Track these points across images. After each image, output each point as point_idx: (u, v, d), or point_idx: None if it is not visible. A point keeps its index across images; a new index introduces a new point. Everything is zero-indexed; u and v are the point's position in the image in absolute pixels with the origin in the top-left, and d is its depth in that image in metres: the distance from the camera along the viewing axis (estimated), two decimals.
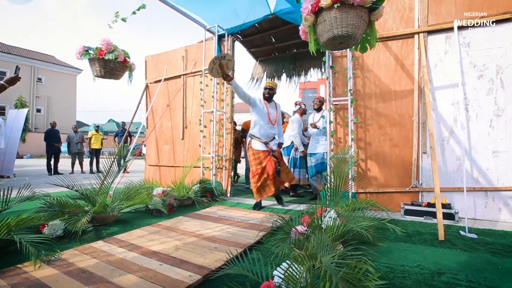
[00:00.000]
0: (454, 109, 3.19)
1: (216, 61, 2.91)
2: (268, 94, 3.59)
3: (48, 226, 2.30)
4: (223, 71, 3.01)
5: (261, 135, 3.52)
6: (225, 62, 2.96)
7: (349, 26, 1.72)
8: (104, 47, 3.20)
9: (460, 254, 2.02)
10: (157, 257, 1.81)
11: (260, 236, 2.27)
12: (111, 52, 3.20)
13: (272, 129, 3.56)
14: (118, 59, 3.24)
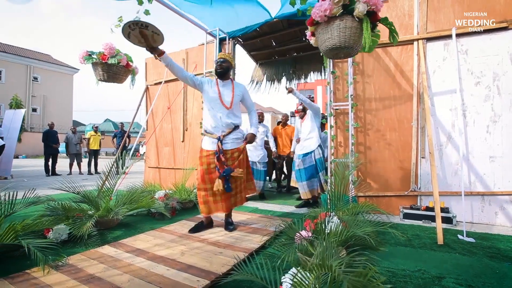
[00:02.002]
0: (452, 115, 3.26)
1: (135, 27, 2.24)
2: (220, 68, 2.68)
3: (53, 230, 2.32)
4: (148, 42, 2.36)
5: (213, 128, 2.65)
6: (149, 33, 2.32)
7: (350, 38, 1.77)
8: (106, 51, 3.22)
9: (459, 258, 2.08)
10: (164, 262, 1.84)
11: (264, 241, 2.31)
12: (114, 57, 3.22)
13: (228, 116, 2.64)
14: (120, 63, 3.26)
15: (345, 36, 1.77)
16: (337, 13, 1.75)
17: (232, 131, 2.68)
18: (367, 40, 1.74)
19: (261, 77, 6.01)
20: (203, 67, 4.85)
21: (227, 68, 2.72)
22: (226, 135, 2.64)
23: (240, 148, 2.71)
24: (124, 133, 9.35)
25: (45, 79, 26.73)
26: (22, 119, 7.70)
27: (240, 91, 2.77)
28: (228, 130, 2.66)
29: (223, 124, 2.64)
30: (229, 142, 2.65)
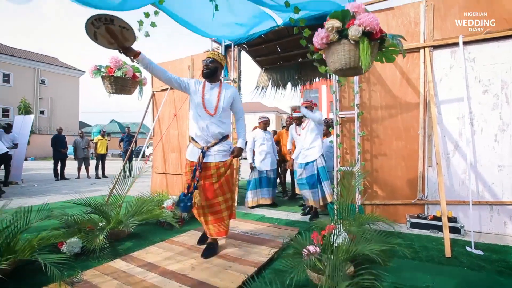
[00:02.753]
0: (460, 123, 3.24)
1: (99, 24, 1.87)
2: (206, 69, 2.37)
3: (66, 243, 2.38)
4: (118, 42, 2.01)
5: (198, 137, 2.39)
6: (117, 29, 1.94)
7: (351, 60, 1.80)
8: (112, 64, 3.29)
9: (467, 273, 2.08)
10: (176, 278, 1.88)
11: (272, 254, 2.34)
12: (120, 69, 3.28)
13: (214, 125, 2.33)
14: (127, 75, 3.32)
15: (346, 59, 1.82)
16: (333, 39, 1.81)
17: (219, 142, 2.37)
18: (363, 61, 1.79)
19: (267, 83, 6.03)
20: None
21: (215, 68, 2.39)
22: (211, 146, 2.35)
23: (226, 162, 2.39)
24: (131, 137, 9.49)
25: (52, 82, 27.11)
26: (31, 124, 7.84)
27: (229, 95, 2.42)
28: (214, 140, 2.36)
29: (209, 134, 2.34)
30: (212, 154, 2.34)
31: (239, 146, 2.46)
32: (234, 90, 2.51)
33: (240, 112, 2.54)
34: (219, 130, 2.37)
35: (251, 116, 33.38)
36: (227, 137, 2.47)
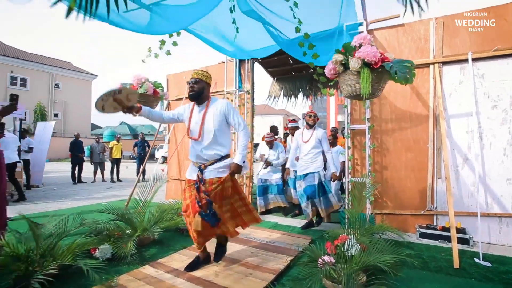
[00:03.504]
0: (469, 137, 3.35)
1: (107, 97, 2.11)
2: (192, 91, 2.29)
3: (99, 250, 2.59)
4: (124, 105, 2.19)
5: (195, 156, 2.35)
6: (123, 97, 2.18)
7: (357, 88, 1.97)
8: (135, 82, 3.54)
9: (475, 284, 2.20)
10: (202, 284, 2.07)
11: (288, 261, 2.50)
12: (142, 86, 3.52)
13: (209, 149, 2.28)
14: (148, 92, 3.56)
15: (353, 87, 2.03)
16: (340, 70, 2.02)
17: (216, 162, 2.29)
18: (363, 89, 2.00)
19: (278, 92, 6.21)
20: (223, 85, 5.09)
21: (201, 89, 2.29)
22: (209, 165, 2.29)
23: (220, 179, 2.27)
24: (144, 142, 9.80)
25: (66, 86, 27.91)
26: (52, 130, 8.21)
27: (219, 112, 2.28)
28: (211, 161, 2.30)
29: (204, 156, 2.29)
30: (207, 172, 2.28)
31: (235, 162, 2.29)
32: (223, 105, 2.32)
33: (237, 125, 2.32)
34: (215, 152, 2.28)
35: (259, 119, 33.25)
36: (227, 157, 2.36)
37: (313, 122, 3.75)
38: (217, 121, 2.27)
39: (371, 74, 2.24)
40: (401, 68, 2.19)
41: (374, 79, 2.30)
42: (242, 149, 2.34)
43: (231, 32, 3.62)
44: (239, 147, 2.35)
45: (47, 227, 2.34)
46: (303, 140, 3.78)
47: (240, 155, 2.32)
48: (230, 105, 2.35)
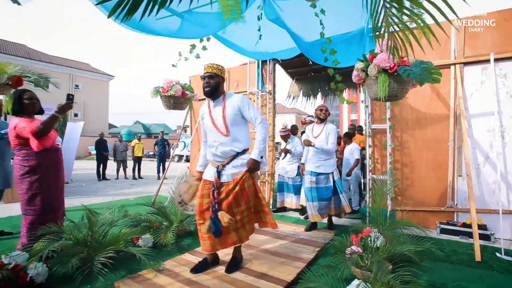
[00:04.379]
0: (490, 136, 3.42)
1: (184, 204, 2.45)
2: (207, 86, 2.20)
3: (141, 239, 2.86)
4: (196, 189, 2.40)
5: (212, 156, 2.30)
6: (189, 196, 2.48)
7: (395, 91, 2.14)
8: (165, 85, 3.82)
9: (496, 276, 2.32)
10: (240, 270, 2.28)
11: (316, 252, 2.69)
12: (171, 89, 3.79)
13: (226, 144, 2.21)
14: (176, 94, 3.82)
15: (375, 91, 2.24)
16: (363, 77, 2.23)
17: (233, 159, 2.23)
18: (381, 92, 2.21)
19: (298, 93, 6.37)
20: (245, 86, 5.29)
21: (217, 84, 2.20)
22: (226, 164, 2.22)
23: (236, 179, 2.20)
24: (164, 141, 10.16)
25: (85, 86, 28.92)
26: (81, 130, 8.69)
27: (234, 107, 2.20)
28: (228, 159, 2.23)
29: (220, 153, 2.22)
30: (225, 174, 2.22)
31: (252, 157, 2.21)
32: (239, 99, 2.23)
33: (253, 118, 2.24)
34: (231, 148, 2.21)
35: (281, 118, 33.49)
36: (245, 151, 2.29)
37: (324, 116, 3.56)
38: (232, 116, 2.19)
39: (388, 78, 2.44)
40: (417, 71, 2.34)
41: (392, 82, 2.50)
42: (259, 143, 2.23)
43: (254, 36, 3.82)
44: (256, 142, 2.23)
45: (101, 217, 2.61)
46: (313, 135, 3.59)
47: (257, 150, 2.20)
48: (245, 99, 2.25)
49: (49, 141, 2.44)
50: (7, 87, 2.39)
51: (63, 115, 2.46)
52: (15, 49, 25.03)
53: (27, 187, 2.44)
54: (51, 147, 2.49)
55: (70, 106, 2.38)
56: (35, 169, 2.43)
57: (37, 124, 2.31)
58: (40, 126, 2.30)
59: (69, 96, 2.39)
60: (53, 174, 2.56)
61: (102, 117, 29.91)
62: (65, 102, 2.38)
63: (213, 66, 2.22)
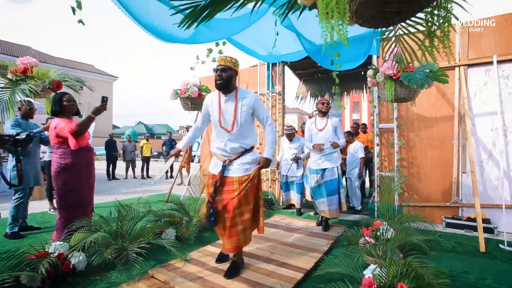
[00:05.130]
0: (493, 134, 3.58)
1: None
2: (220, 79, 2.14)
3: (165, 232, 3.05)
4: None
5: (219, 150, 2.28)
6: None
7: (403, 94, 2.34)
8: (182, 88, 4.01)
9: (500, 264, 2.49)
10: (262, 259, 2.46)
11: (330, 243, 2.87)
12: (188, 91, 3.98)
13: (233, 141, 2.21)
14: (192, 95, 4.01)
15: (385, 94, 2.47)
16: (374, 82, 2.48)
17: (241, 156, 2.23)
18: (388, 96, 2.48)
19: (305, 93, 6.55)
20: (255, 87, 5.47)
21: (229, 77, 2.15)
22: (234, 160, 2.22)
23: (249, 175, 2.19)
24: (172, 141, 10.35)
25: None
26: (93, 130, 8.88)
27: (248, 105, 2.18)
28: (235, 155, 2.23)
29: (229, 149, 2.21)
30: (233, 169, 2.20)
31: (265, 156, 2.24)
32: (252, 97, 2.23)
33: (265, 119, 2.29)
34: (240, 144, 2.22)
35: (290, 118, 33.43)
36: (252, 149, 2.31)
37: (326, 109, 3.50)
38: (245, 114, 2.18)
39: (394, 84, 2.73)
40: (417, 77, 2.54)
41: (398, 87, 2.75)
42: (272, 143, 2.30)
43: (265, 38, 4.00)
44: (269, 143, 2.29)
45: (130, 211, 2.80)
46: (317, 128, 3.52)
47: (270, 149, 2.27)
48: (259, 98, 2.28)
49: (84, 141, 2.64)
50: (48, 90, 2.59)
51: (98, 115, 2.64)
52: (21, 51, 25.31)
53: (62, 184, 2.64)
54: (85, 147, 2.68)
55: (104, 107, 2.57)
56: (70, 167, 2.63)
57: (75, 124, 2.51)
58: (78, 126, 2.50)
59: (103, 99, 2.59)
60: (84, 173, 2.76)
61: (106, 118, 30.17)
62: (100, 104, 2.57)
63: (226, 59, 2.16)
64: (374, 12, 0.88)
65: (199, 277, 2.13)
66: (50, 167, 4.35)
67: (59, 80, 2.67)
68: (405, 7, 0.87)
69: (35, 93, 2.43)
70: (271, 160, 2.30)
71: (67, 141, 2.52)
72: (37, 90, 2.43)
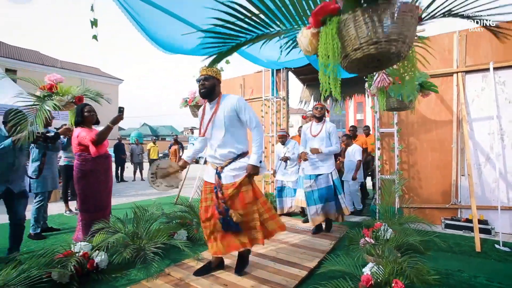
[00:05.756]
0: (491, 138, 3.72)
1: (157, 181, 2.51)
2: (203, 88, 2.23)
3: (177, 233, 3.25)
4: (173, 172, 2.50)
5: (210, 157, 2.32)
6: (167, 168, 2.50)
7: (395, 105, 2.51)
8: (190, 96, 4.22)
9: (494, 263, 2.64)
10: (269, 258, 2.65)
11: (333, 244, 3.04)
12: (195, 99, 4.19)
13: (222, 147, 2.22)
14: (199, 103, 4.22)
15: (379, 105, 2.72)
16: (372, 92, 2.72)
17: (232, 162, 2.23)
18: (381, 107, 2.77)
19: (309, 98, 6.72)
20: (260, 92, 5.66)
21: (212, 86, 2.23)
22: (225, 166, 2.23)
23: (235, 183, 2.18)
24: (179, 144, 10.59)
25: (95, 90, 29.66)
26: None
27: (230, 108, 2.19)
28: (226, 161, 2.23)
29: (218, 155, 2.23)
30: (223, 176, 2.22)
31: (250, 163, 2.19)
32: (235, 100, 2.22)
33: (250, 121, 2.22)
34: (229, 149, 2.21)
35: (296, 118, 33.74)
36: (244, 154, 2.27)
37: (320, 114, 3.47)
38: (228, 118, 2.18)
39: (386, 95, 2.92)
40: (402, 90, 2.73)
41: (389, 98, 2.94)
42: (257, 148, 2.21)
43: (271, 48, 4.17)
44: (254, 147, 2.21)
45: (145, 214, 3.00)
46: (312, 133, 3.46)
47: (255, 155, 2.19)
48: (242, 101, 2.24)
49: (103, 148, 2.86)
50: (71, 104, 2.81)
51: (115, 124, 2.86)
52: (30, 56, 25.88)
53: (82, 188, 2.87)
54: (103, 154, 2.90)
55: (121, 117, 2.79)
56: (90, 173, 2.85)
57: (95, 134, 2.73)
58: (97, 136, 2.72)
59: (120, 109, 2.80)
60: (102, 179, 2.97)
61: None
62: (117, 114, 2.78)
63: (208, 69, 2.23)
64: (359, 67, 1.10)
65: (211, 275, 2.32)
66: (65, 171, 4.67)
67: (81, 95, 2.88)
68: (382, 65, 1.11)
69: (59, 108, 2.65)
70: (259, 166, 2.21)
71: (88, 149, 2.74)
72: (60, 105, 2.66)
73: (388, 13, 0.98)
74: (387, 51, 1.02)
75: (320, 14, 1.09)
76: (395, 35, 1.00)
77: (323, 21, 1.10)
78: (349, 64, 1.12)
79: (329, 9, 1.08)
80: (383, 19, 0.98)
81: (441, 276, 2.35)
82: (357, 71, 1.20)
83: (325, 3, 1.08)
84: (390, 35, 0.99)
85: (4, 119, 2.58)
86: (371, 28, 0.99)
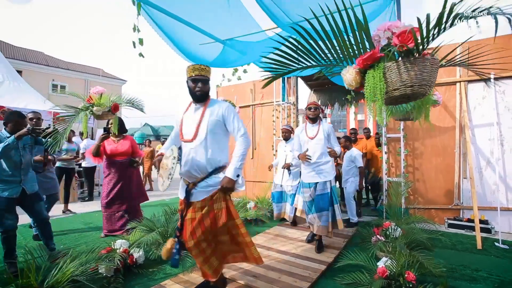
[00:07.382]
0: (491, 144, 3.98)
1: None
2: (202, 93, 1.97)
3: None
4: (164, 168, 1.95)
5: (184, 170, 1.95)
6: None
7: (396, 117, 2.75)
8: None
9: (493, 259, 2.90)
10: (289, 254, 2.91)
11: (346, 241, 3.31)
12: None
13: (198, 155, 1.89)
14: None
15: None
16: None
17: (207, 177, 1.89)
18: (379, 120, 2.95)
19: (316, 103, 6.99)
20: (270, 97, 5.92)
21: (209, 90, 2.02)
22: (198, 182, 1.90)
23: (205, 199, 1.88)
24: None
25: None
26: None
27: (217, 112, 1.94)
28: (201, 176, 1.90)
29: (194, 166, 1.88)
30: (194, 193, 1.90)
31: (227, 175, 1.86)
32: (225, 106, 1.99)
33: (237, 130, 1.95)
34: (206, 160, 1.88)
35: None
36: (222, 169, 1.94)
37: (313, 115, 3.18)
38: (213, 123, 1.92)
39: None
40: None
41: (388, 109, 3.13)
42: (238, 159, 1.89)
43: None
44: (234, 157, 1.90)
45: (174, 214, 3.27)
46: (308, 135, 3.15)
47: (233, 166, 1.87)
48: (231, 108, 2.02)
49: (99, 160, 3.57)
50: (109, 113, 3.06)
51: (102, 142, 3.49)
52: (34, 57, 26.12)
53: (104, 189, 3.52)
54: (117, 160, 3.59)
55: (106, 137, 3.47)
56: (106, 175, 3.57)
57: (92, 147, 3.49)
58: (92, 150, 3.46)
59: (105, 129, 3.43)
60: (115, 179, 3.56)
61: None
62: (103, 134, 3.42)
63: (206, 69, 1.97)
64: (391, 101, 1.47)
65: (240, 268, 2.58)
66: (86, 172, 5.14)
67: (116, 103, 3.14)
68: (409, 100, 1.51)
69: (98, 116, 2.93)
70: (236, 180, 1.87)
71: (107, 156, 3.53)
72: (98, 114, 2.94)
73: (421, 65, 1.28)
74: (418, 93, 1.38)
75: (369, 60, 1.42)
76: (425, 81, 1.31)
77: (370, 65, 1.40)
78: (387, 99, 1.47)
79: (376, 57, 1.42)
80: (417, 69, 1.28)
81: (447, 270, 2.62)
82: (389, 103, 1.56)
83: (373, 51, 1.38)
84: (422, 81, 1.29)
85: (5, 120, 2.63)
86: (409, 74, 1.29)
